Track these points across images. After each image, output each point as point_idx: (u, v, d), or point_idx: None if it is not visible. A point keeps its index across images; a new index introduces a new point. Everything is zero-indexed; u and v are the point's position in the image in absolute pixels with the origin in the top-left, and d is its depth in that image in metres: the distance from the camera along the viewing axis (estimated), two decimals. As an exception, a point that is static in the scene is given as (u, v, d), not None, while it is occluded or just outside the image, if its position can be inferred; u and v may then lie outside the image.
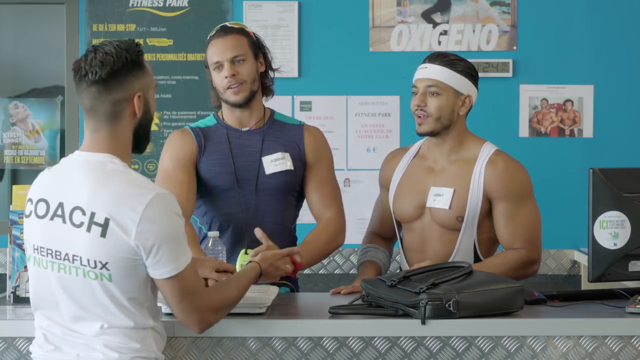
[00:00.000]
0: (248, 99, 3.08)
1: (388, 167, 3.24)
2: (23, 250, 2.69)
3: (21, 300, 2.70)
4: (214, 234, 2.81)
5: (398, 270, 3.13)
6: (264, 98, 3.19)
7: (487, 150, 3.06)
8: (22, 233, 2.68)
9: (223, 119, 3.16)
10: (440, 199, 3.04)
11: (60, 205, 2.20)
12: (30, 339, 2.41)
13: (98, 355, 2.20)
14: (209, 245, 2.78)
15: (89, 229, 2.16)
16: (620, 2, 4.80)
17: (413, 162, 3.17)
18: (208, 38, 3.11)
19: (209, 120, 3.19)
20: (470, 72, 3.07)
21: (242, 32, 3.10)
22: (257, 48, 3.11)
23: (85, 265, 2.18)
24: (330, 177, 3.16)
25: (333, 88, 4.82)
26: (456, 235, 3.03)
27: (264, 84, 3.15)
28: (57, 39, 4.92)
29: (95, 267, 2.17)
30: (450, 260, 3.01)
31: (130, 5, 4.83)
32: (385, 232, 3.26)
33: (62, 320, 2.23)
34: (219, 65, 3.06)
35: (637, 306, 2.54)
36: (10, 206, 2.76)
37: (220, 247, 2.79)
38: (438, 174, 3.09)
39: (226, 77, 3.04)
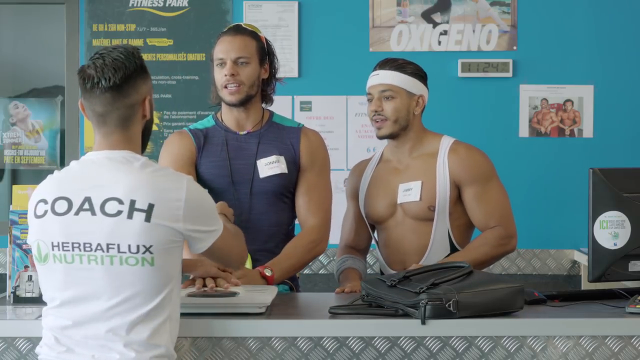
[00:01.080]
0: (243, 101, 3.08)
1: (354, 178, 3.35)
2: (23, 250, 2.69)
3: (21, 300, 2.69)
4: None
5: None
6: (263, 104, 3.18)
7: (446, 141, 3.20)
8: (22, 233, 2.68)
9: (222, 120, 3.17)
10: (409, 192, 3.16)
11: (87, 199, 2.22)
12: (30, 339, 2.41)
13: (115, 355, 2.19)
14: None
15: (130, 216, 2.19)
16: (620, 2, 4.80)
17: (378, 167, 3.30)
18: (219, 34, 3.13)
19: (207, 122, 3.19)
20: (420, 74, 3.22)
21: (253, 35, 3.10)
22: (265, 54, 3.12)
23: (124, 252, 2.19)
24: (321, 183, 3.14)
25: (333, 88, 4.82)
26: (430, 226, 3.14)
27: (264, 91, 3.15)
28: (57, 39, 4.92)
29: (138, 252, 2.19)
30: (427, 251, 3.13)
31: (130, 5, 4.83)
32: (358, 243, 3.35)
33: (77, 320, 2.22)
34: (222, 62, 3.07)
35: (637, 306, 2.54)
36: (10, 206, 2.75)
37: (221, 247, 2.80)
38: (404, 172, 3.21)
39: (225, 75, 3.05)
